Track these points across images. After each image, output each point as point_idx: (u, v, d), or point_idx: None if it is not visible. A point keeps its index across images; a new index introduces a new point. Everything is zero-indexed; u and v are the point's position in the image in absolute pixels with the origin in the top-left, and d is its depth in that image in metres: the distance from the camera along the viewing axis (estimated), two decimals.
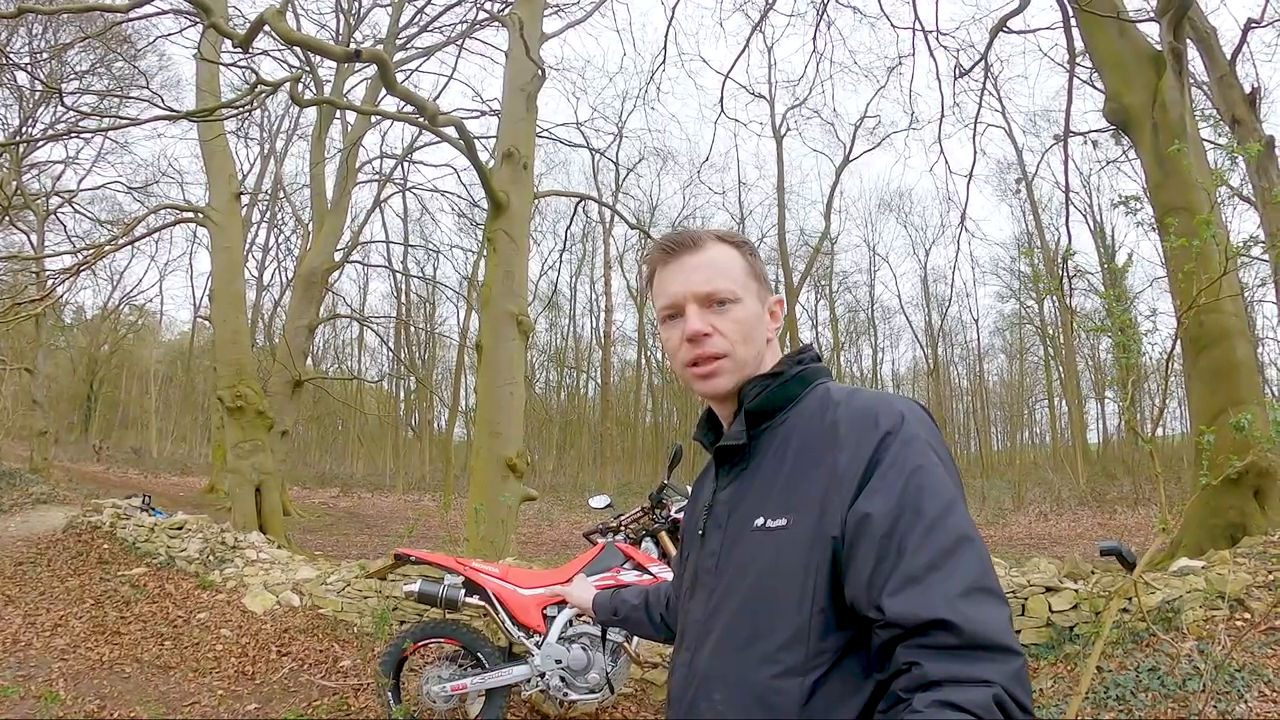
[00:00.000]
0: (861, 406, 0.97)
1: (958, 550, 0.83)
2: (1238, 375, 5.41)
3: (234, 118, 11.46)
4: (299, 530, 13.41)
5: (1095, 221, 24.27)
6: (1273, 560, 4.20)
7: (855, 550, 0.87)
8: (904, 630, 0.81)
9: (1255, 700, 3.22)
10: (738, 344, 1.04)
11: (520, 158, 8.51)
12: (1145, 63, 6.03)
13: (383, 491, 24.84)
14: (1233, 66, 7.15)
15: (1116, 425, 25.69)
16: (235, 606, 5.55)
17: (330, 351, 33.47)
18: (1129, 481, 17.73)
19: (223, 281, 10.64)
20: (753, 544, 0.97)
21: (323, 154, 15.69)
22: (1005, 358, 32.73)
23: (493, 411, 7.69)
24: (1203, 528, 5.10)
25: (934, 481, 0.88)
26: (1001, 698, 0.75)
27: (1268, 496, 5.07)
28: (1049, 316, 25.94)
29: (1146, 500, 14.69)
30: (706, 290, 1.05)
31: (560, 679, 3.70)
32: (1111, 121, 6.74)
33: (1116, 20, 6.05)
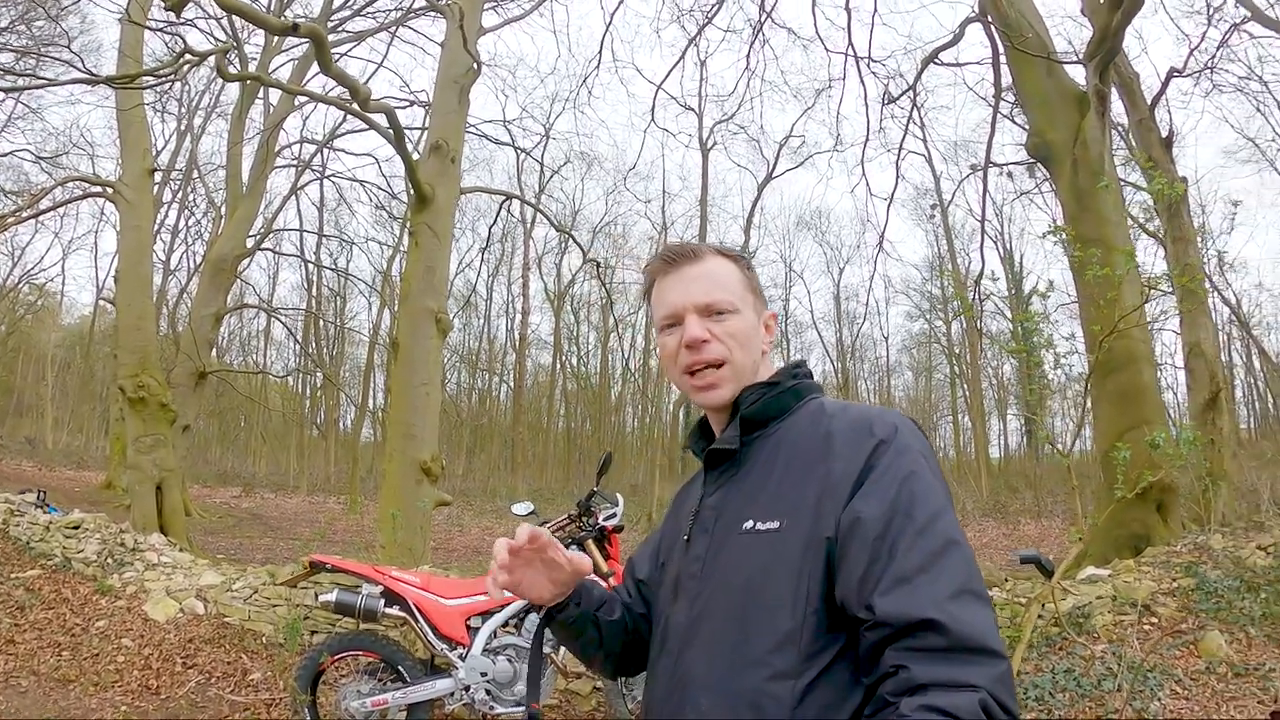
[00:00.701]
0: (856, 417, 0.99)
1: (946, 554, 0.85)
2: (1143, 397, 5.81)
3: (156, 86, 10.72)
4: (200, 532, 12.60)
5: (1006, 249, 25.86)
6: (1176, 569, 4.51)
7: (847, 551, 0.88)
8: (893, 630, 0.81)
9: (1168, 698, 3.44)
10: (736, 351, 1.07)
11: (449, 151, 8.31)
12: (1070, 102, 6.42)
13: (286, 492, 23.73)
14: (1152, 111, 7.74)
15: (1019, 441, 27.35)
16: (136, 614, 5.14)
17: (236, 343, 31.73)
18: (1030, 494, 18.84)
19: (130, 262, 9.89)
20: (742, 546, 0.97)
21: (242, 134, 14.89)
22: (912, 374, 34.32)
23: (407, 412, 7.44)
24: (1108, 539, 5.43)
25: (925, 488, 0.90)
26: (988, 703, 0.75)
27: (1169, 510, 5.46)
28: (955, 337, 27.36)
29: (1048, 512, 15.63)
30: (705, 301, 1.08)
31: (486, 692, 3.60)
32: (1033, 155, 7.15)
33: (1046, 60, 6.43)
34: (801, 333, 33.96)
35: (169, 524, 8.76)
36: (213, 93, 20.34)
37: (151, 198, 10.82)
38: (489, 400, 33.14)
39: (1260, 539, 4.60)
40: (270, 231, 19.22)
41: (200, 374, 13.39)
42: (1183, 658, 3.81)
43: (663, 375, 29.76)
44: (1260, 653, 3.76)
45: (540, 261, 29.59)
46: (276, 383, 30.73)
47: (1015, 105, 10.04)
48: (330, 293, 28.27)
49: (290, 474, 27.69)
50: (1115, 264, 3.48)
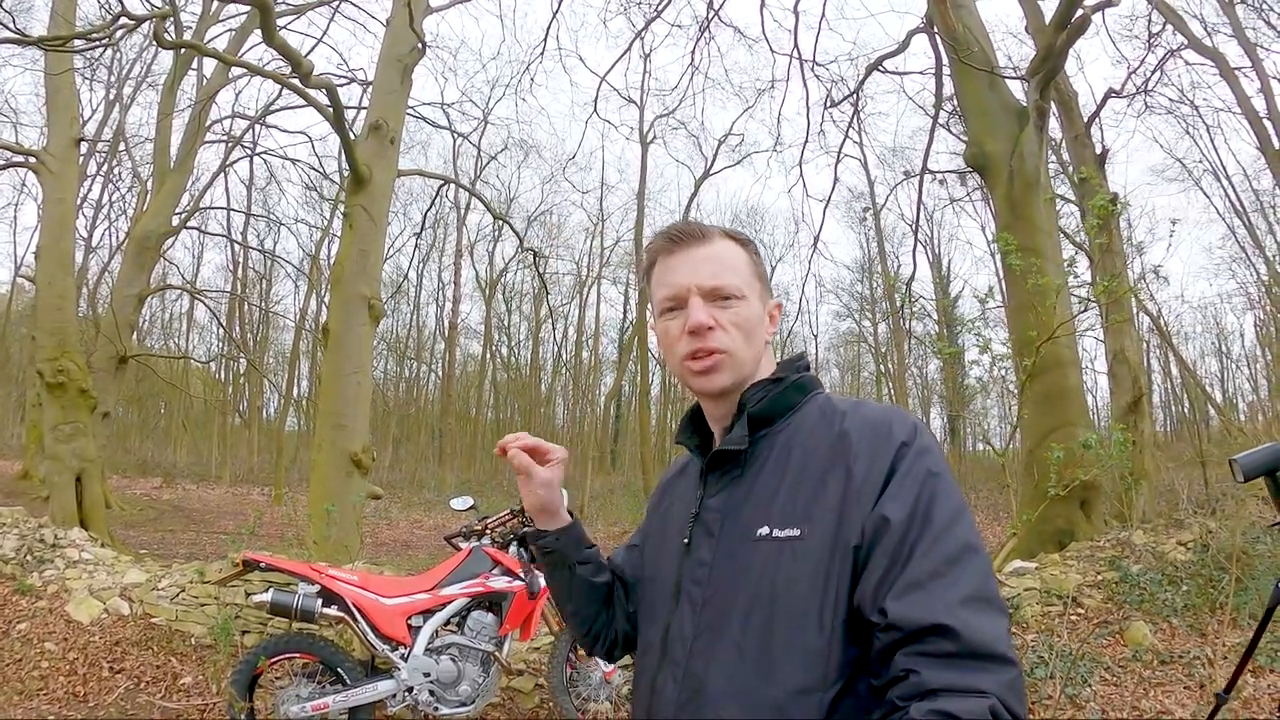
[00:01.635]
0: (872, 417, 0.97)
1: (962, 558, 0.84)
2: (1068, 400, 6.12)
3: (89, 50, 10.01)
4: (121, 525, 11.93)
5: (935, 253, 26.79)
6: (1099, 563, 4.77)
7: (872, 555, 0.87)
8: (904, 634, 0.81)
9: (1098, 684, 3.65)
10: (739, 342, 1.02)
11: (388, 131, 8.10)
12: (1010, 115, 6.68)
13: (209, 483, 22.73)
14: (1088, 128, 8.13)
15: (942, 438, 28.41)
16: (59, 615, 4.83)
17: (157, 326, 30.14)
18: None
19: (52, 237, 9.21)
20: (759, 555, 0.94)
21: (172, 106, 14.07)
22: (839, 372, 35.22)
23: (338, 401, 7.20)
24: (1033, 534, 5.70)
25: (945, 490, 0.89)
26: (997, 709, 0.76)
27: (1093, 507, 5.78)
28: (882, 337, 28.23)
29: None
30: (712, 284, 1.02)
31: (429, 692, 3.55)
32: (971, 165, 7.41)
33: (990, 74, 6.67)
34: None
35: (89, 518, 8.23)
36: (144, 62, 19.19)
37: (77, 169, 10.11)
38: (417, 389, 32.38)
39: (1180, 535, 4.91)
40: (197, 209, 18.33)
41: (121, 358, 12.64)
42: (1110, 646, 4.05)
43: (595, 369, 29.79)
44: (1184, 641, 4.03)
45: (473, 249, 29.08)
46: (199, 368, 29.33)
47: (953, 115, 10.39)
48: (256, 275, 27.10)
49: (213, 464, 26.51)
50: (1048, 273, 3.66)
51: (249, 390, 28.36)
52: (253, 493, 20.48)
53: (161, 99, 14.56)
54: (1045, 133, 6.59)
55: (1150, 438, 7.78)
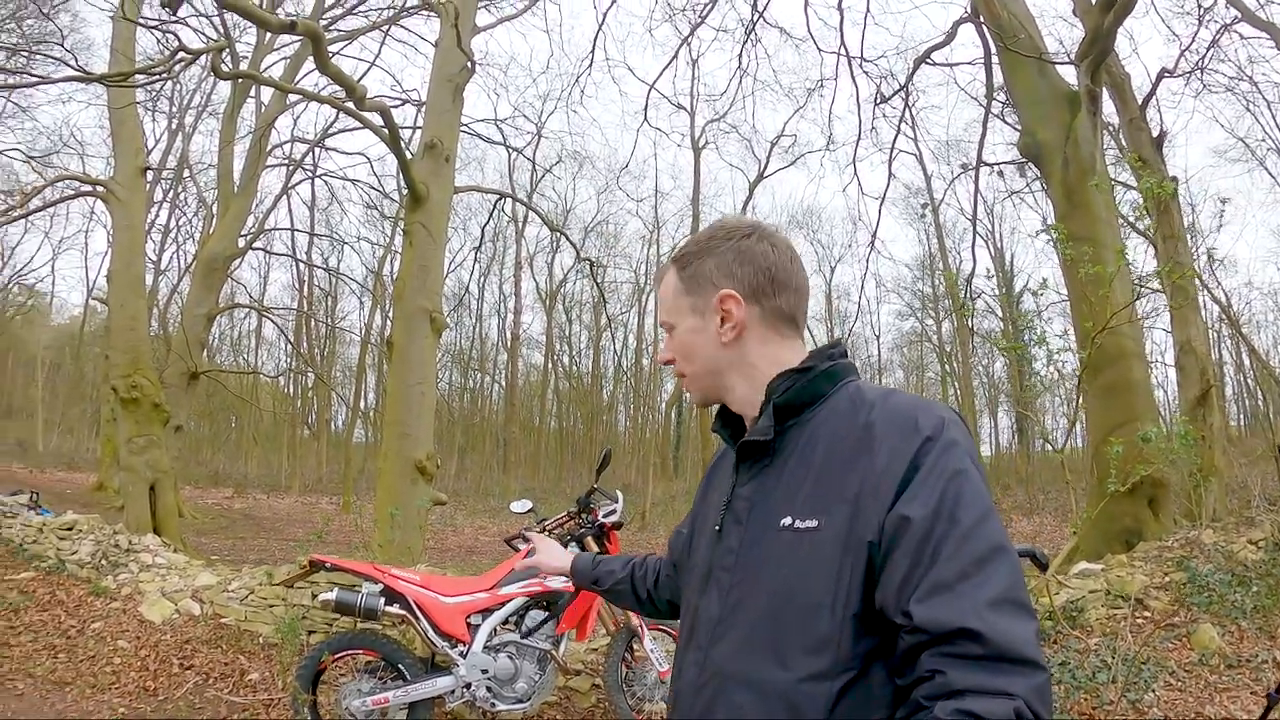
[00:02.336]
0: (899, 409, 0.95)
1: (991, 560, 0.83)
2: (1134, 394, 5.86)
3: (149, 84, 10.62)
4: (193, 533, 12.52)
5: (997, 248, 25.97)
6: (1167, 564, 4.57)
7: (891, 555, 0.86)
8: (931, 637, 0.80)
9: (1162, 690, 3.49)
10: (685, 364, 1.13)
11: (443, 150, 8.30)
12: (1061, 102, 6.46)
13: (278, 492, 23.59)
14: (1143, 111, 7.79)
15: (1009, 439, 27.49)
16: (132, 615, 5.10)
17: (227, 343, 31.55)
18: (1023, 491, 18.94)
19: (123, 262, 9.81)
20: (780, 544, 0.95)
21: (233, 133, 14.78)
22: (903, 373, 34.39)
23: (402, 411, 7.42)
24: (1100, 534, 5.48)
25: (972, 489, 0.87)
26: (1022, 711, 0.75)
27: (1161, 505, 5.51)
28: (946, 335, 27.47)
29: (1040, 509, 15.72)
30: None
31: (487, 689, 3.60)
32: (1025, 155, 7.20)
33: (1038, 60, 6.48)
34: None
35: (163, 525, 8.70)
36: (204, 92, 20.23)
37: (144, 196, 10.71)
38: (481, 400, 33.01)
39: (1251, 534, 4.66)
40: (262, 231, 19.10)
41: (192, 374, 13.30)
42: (1176, 650, 3.87)
43: (655, 374, 29.86)
44: (1252, 645, 3.82)
45: (532, 261, 29.53)
46: (268, 383, 30.54)
47: (1006, 105, 10.12)
48: (322, 292, 28.08)
49: (282, 474, 27.53)
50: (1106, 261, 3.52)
51: (317, 403, 29.37)
52: (321, 502, 21.16)
53: (222, 127, 15.28)
54: (1098, 117, 6.36)
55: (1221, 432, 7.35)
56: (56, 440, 32.07)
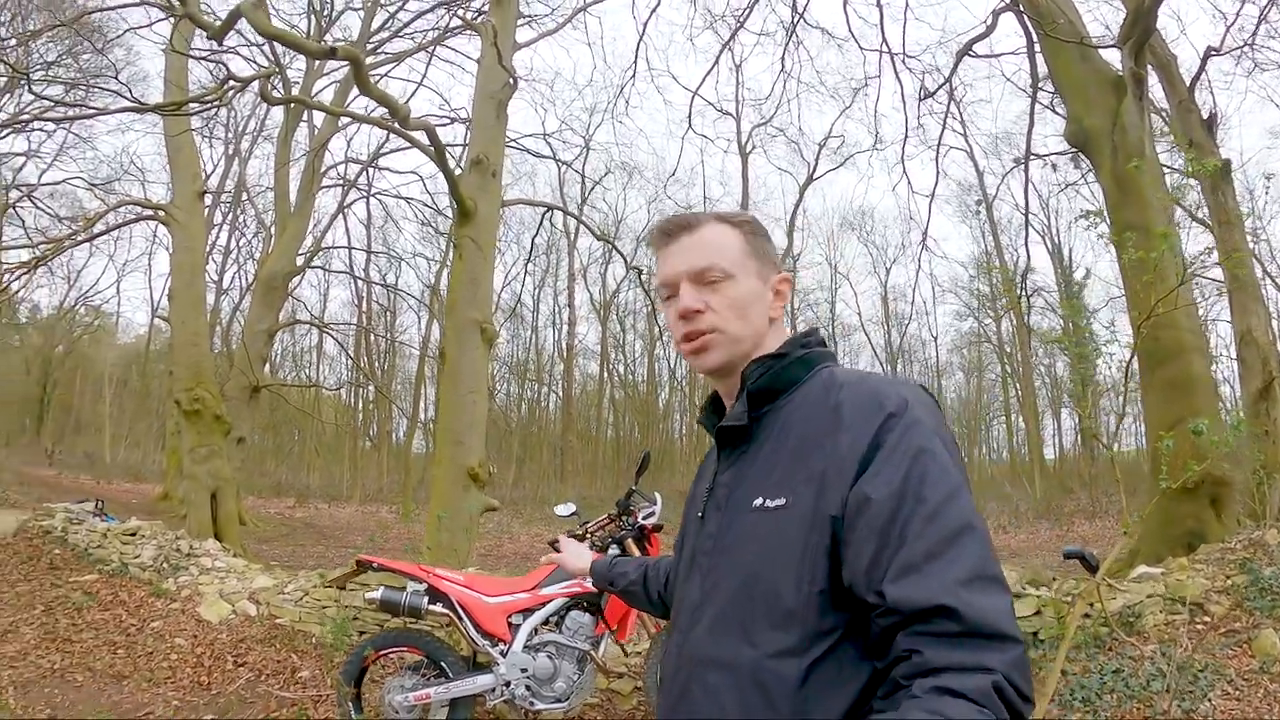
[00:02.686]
0: (865, 389, 0.96)
1: (960, 537, 0.83)
2: (1194, 389, 5.59)
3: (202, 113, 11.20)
4: (254, 540, 13.00)
5: (1053, 242, 25.08)
6: (1229, 566, 4.34)
7: (854, 533, 0.86)
8: (904, 616, 0.80)
9: (1218, 699, 3.31)
10: (730, 320, 1.05)
11: (489, 165, 8.48)
12: (1106, 87, 6.24)
13: (339, 502, 24.26)
14: (1191, 93, 7.44)
15: (1073, 440, 26.42)
16: (190, 615, 5.35)
17: (289, 358, 32.74)
18: (1085, 495, 18.19)
19: (183, 282, 10.35)
20: (750, 524, 0.96)
21: (288, 156, 15.41)
22: (963, 375, 33.46)
23: (454, 420, 7.59)
24: (1161, 536, 5.24)
25: (937, 467, 0.87)
26: (1001, 685, 0.75)
27: (1224, 505, 5.24)
28: (1006, 335, 26.61)
29: (1104, 512, 15.07)
30: (699, 268, 1.06)
31: (526, 688, 3.64)
32: (1072, 143, 6.97)
33: (1080, 45, 6.27)
34: (849, 335, 33.46)
35: (223, 531, 9.11)
36: (258, 117, 21.12)
37: (202, 219, 11.27)
38: (538, 410, 33.38)
39: None
40: (319, 249, 19.80)
41: (254, 388, 13.84)
42: (1235, 657, 3.66)
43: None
44: None
45: (585, 272, 29.82)
46: (329, 396, 31.51)
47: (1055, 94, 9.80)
48: (380, 308, 28.91)
49: (344, 484, 28.31)
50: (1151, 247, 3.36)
51: (378, 415, 30.19)
52: (381, 510, 21.67)
53: (277, 150, 15.95)
54: (1145, 101, 6.12)
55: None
56: (124, 453, 33.76)
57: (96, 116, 8.29)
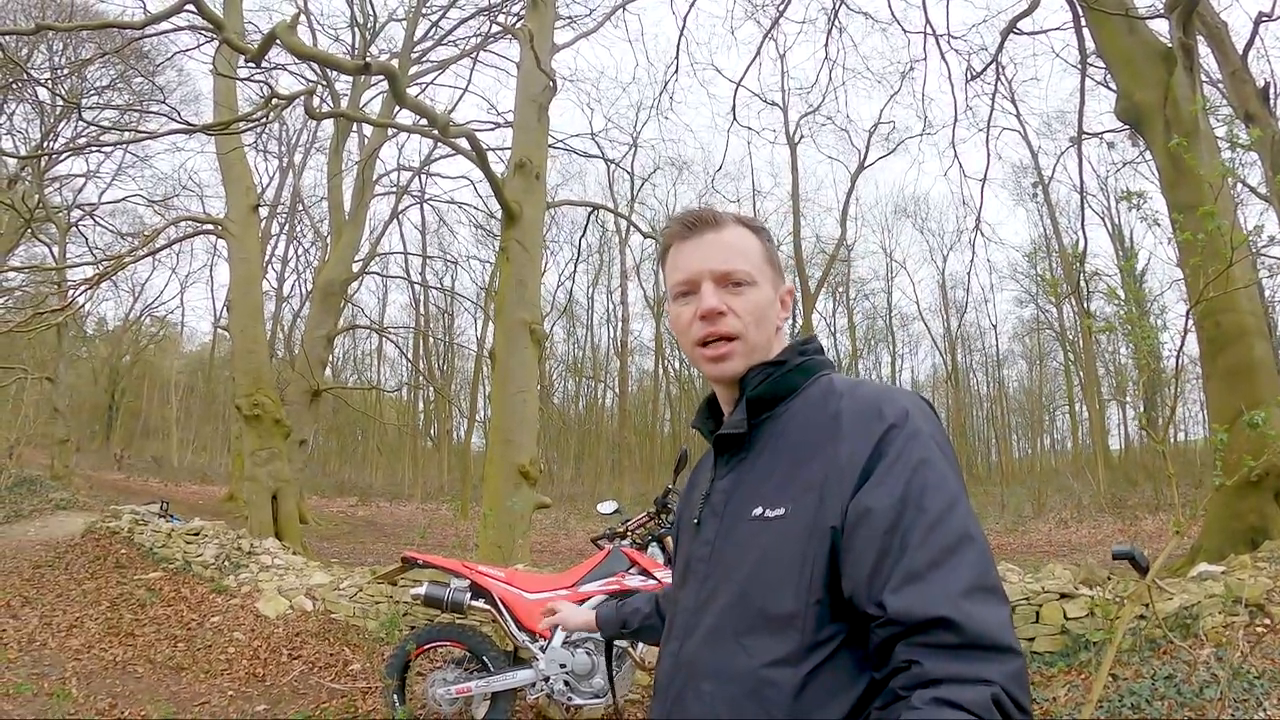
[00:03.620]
0: (865, 398, 0.96)
1: (960, 548, 0.83)
2: (1256, 375, 5.29)
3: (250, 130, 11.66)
4: (316, 538, 13.50)
5: (1113, 224, 23.96)
6: None
7: (855, 543, 0.86)
8: (904, 627, 0.80)
9: (1273, 707, 3.14)
10: (750, 327, 1.04)
11: (532, 168, 8.60)
12: (1155, 59, 5.96)
13: (401, 500, 24.96)
14: (1245, 61, 7.00)
15: (1138, 431, 25.25)
16: (249, 611, 5.60)
17: (350, 362, 33.79)
18: (1150, 487, 17.39)
19: (240, 292, 10.79)
20: (750, 533, 0.96)
21: (340, 166, 15.90)
22: (1025, 363, 32.27)
23: (505, 419, 7.76)
24: (1224, 532, 4.99)
25: (937, 477, 0.87)
26: (1000, 697, 0.75)
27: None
28: (1068, 321, 25.58)
29: (1168, 505, 14.37)
30: (724, 269, 1.04)
31: (565, 683, 3.69)
32: (1123, 120, 6.67)
33: (1126, 17, 6.00)
34: (907, 324, 32.77)
35: (284, 530, 9.49)
36: (310, 130, 21.79)
37: (257, 231, 11.69)
38: (595, 407, 33.57)
39: None
40: (375, 255, 20.36)
41: (314, 392, 14.34)
42: None
43: None
44: None
45: (639, 269, 29.90)
46: (390, 398, 32.35)
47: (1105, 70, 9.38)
48: (438, 310, 29.45)
49: (405, 483, 29.11)
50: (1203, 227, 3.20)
51: (438, 415, 30.86)
52: (442, 508, 22.19)
53: (329, 161, 16.48)
54: (1196, 73, 5.81)
55: None
56: (190, 456, 35.41)
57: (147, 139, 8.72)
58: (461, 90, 18.41)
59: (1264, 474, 4.21)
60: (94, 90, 14.57)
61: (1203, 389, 5.80)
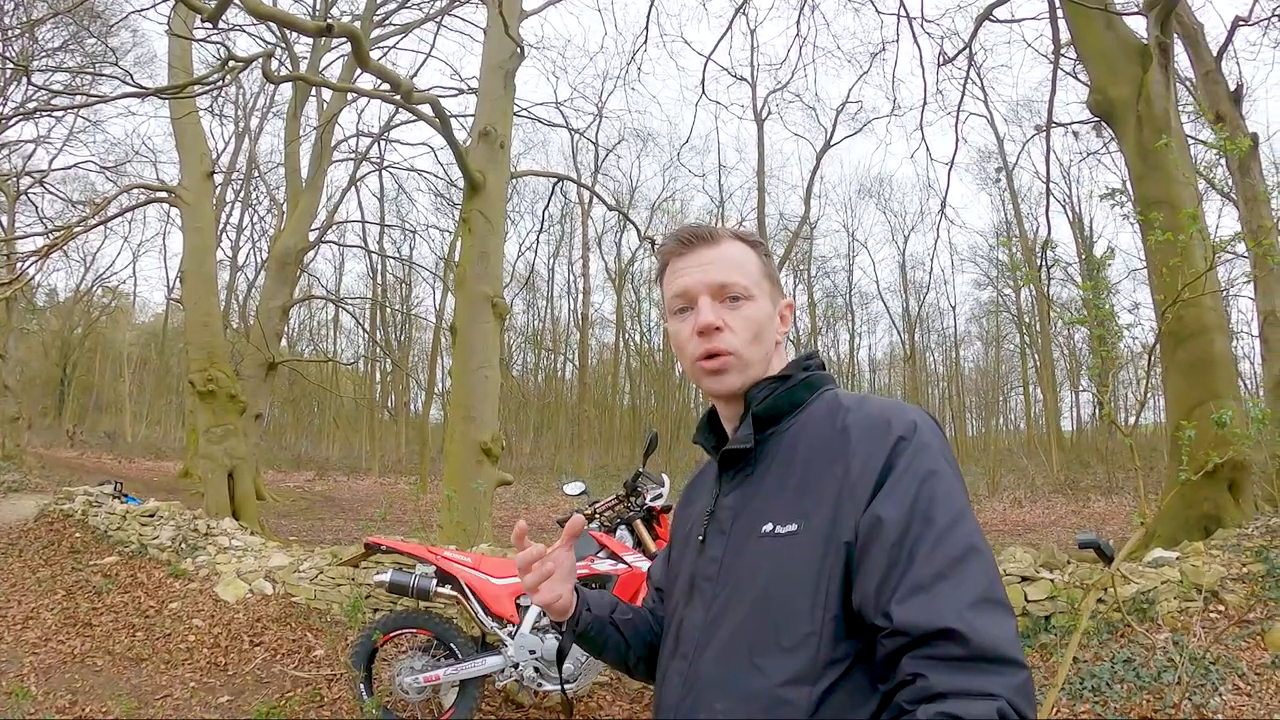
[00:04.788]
0: (873, 413, 0.96)
1: (967, 560, 0.83)
2: (1215, 369, 5.47)
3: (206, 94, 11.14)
4: (273, 515, 13.23)
5: (1074, 213, 24.60)
6: (1246, 553, 4.26)
7: (866, 555, 0.86)
8: (911, 639, 0.80)
9: (1229, 693, 3.26)
10: (747, 342, 1.04)
11: (497, 136, 8.37)
12: (1131, 56, 6.02)
13: (359, 474, 24.64)
14: (1218, 63, 7.16)
15: (1091, 414, 26.16)
16: (207, 595, 5.45)
17: (305, 333, 33.01)
18: (1103, 469, 18.05)
19: (194, 262, 10.39)
20: (762, 550, 0.95)
21: (298, 132, 15.33)
22: (981, 345, 33.14)
23: (466, 395, 7.60)
24: (1177, 519, 5.16)
25: (946, 490, 0.87)
26: (1006, 711, 0.74)
27: (1241, 489, 5.15)
28: (1025, 305, 26.25)
29: (1120, 488, 14.96)
30: (720, 283, 1.04)
31: (534, 669, 3.66)
32: (1095, 113, 6.75)
33: (1104, 13, 6.05)
34: (867, 304, 33.24)
35: (241, 509, 9.24)
36: (267, 94, 21.03)
37: (211, 199, 11.27)
38: (554, 380, 33.55)
39: None
40: (332, 224, 19.81)
41: (270, 364, 13.96)
42: (1248, 649, 3.60)
43: None
44: None
45: (600, 241, 29.72)
46: (347, 369, 31.80)
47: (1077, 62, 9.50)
48: (395, 280, 28.96)
49: (362, 457, 28.73)
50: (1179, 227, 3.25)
51: (396, 387, 30.41)
52: (400, 483, 21.96)
53: (286, 126, 15.87)
54: (1170, 71, 5.90)
55: None
56: (144, 431, 34.44)
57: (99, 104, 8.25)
58: (424, 55, 17.97)
59: (1219, 464, 4.34)
60: (45, 52, 13.80)
61: (1162, 379, 5.95)
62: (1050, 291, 18.67)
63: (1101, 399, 3.96)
